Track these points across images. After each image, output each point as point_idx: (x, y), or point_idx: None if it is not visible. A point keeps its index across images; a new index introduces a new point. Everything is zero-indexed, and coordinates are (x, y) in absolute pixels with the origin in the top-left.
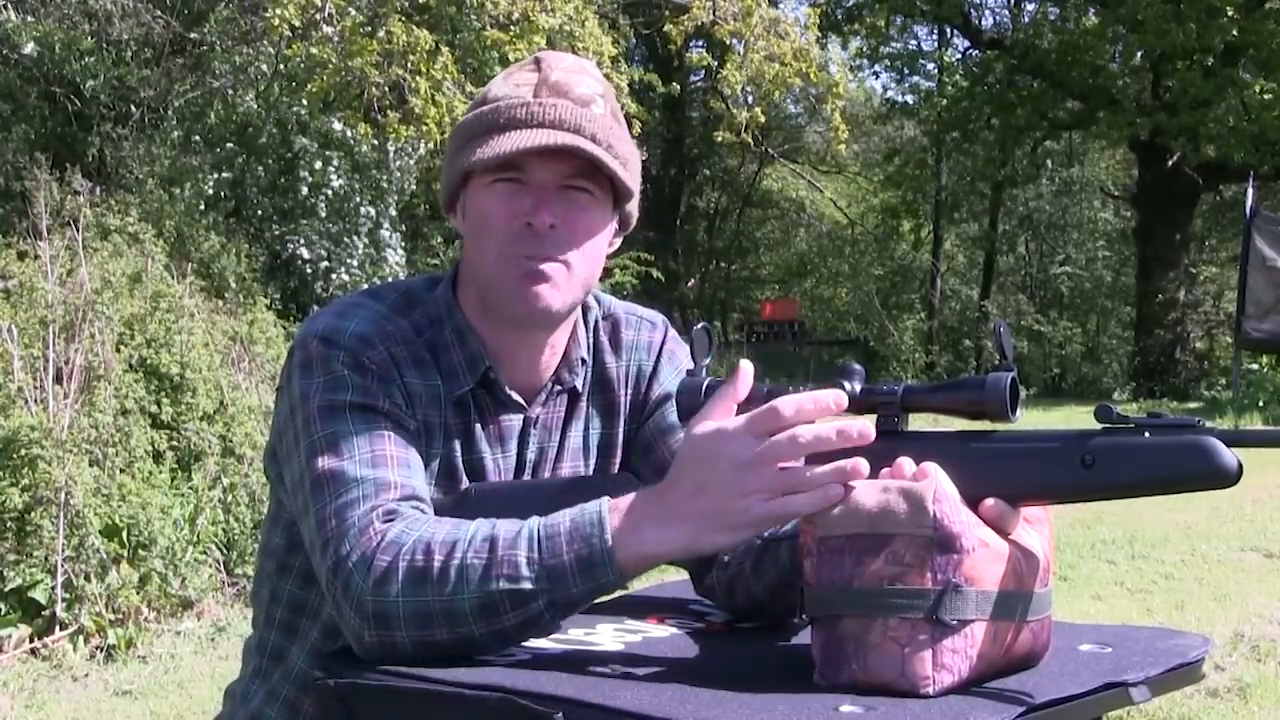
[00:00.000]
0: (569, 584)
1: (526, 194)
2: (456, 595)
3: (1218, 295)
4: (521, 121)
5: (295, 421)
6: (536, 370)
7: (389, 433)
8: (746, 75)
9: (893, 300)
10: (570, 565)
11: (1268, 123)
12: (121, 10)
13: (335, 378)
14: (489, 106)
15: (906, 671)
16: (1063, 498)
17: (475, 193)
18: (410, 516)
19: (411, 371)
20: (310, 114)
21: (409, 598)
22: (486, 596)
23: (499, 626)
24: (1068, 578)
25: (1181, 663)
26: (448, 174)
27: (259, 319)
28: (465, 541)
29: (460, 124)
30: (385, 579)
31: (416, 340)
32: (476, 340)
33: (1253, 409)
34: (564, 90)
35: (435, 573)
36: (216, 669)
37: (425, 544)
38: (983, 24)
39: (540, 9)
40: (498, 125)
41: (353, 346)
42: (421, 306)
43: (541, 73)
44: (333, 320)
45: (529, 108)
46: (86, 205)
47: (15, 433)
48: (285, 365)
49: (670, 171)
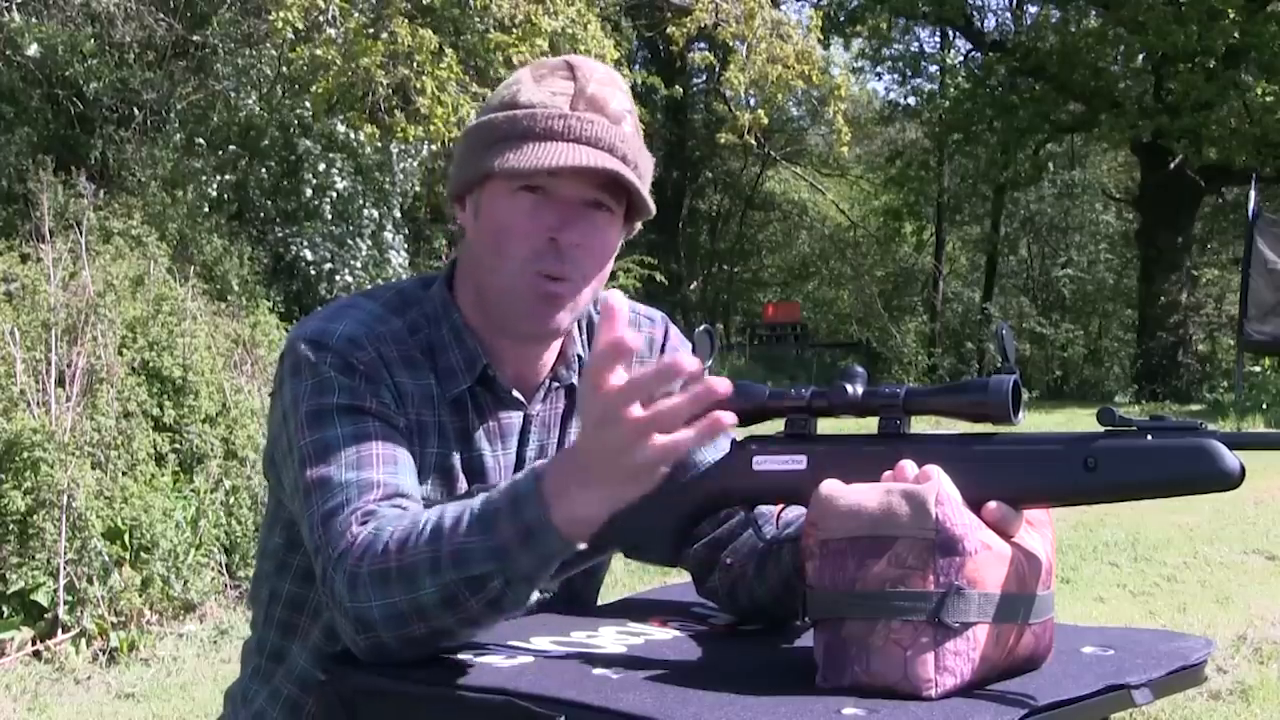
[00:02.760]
0: (516, 558)
1: (551, 208)
2: (419, 591)
3: (1220, 298)
4: (559, 134)
5: (288, 427)
6: (535, 368)
7: (376, 433)
8: (749, 77)
9: (895, 303)
10: (513, 540)
11: (1270, 125)
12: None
13: (323, 381)
14: (522, 111)
15: (909, 674)
16: (1065, 500)
17: (495, 196)
18: (384, 516)
19: (402, 371)
20: (315, 116)
21: (379, 600)
22: (443, 589)
23: (466, 613)
24: (1070, 580)
25: (1184, 665)
26: (465, 168)
27: (262, 322)
28: (415, 536)
29: (486, 122)
30: (356, 583)
31: (410, 340)
32: (474, 339)
33: (1255, 411)
34: (600, 105)
35: (394, 572)
36: (219, 671)
37: (385, 544)
38: (985, 26)
39: (543, 11)
40: (533, 133)
41: (340, 348)
42: (417, 306)
43: (578, 83)
44: (321, 324)
45: (567, 120)
46: (90, 208)
47: (18, 435)
48: (277, 370)
49: (673, 174)
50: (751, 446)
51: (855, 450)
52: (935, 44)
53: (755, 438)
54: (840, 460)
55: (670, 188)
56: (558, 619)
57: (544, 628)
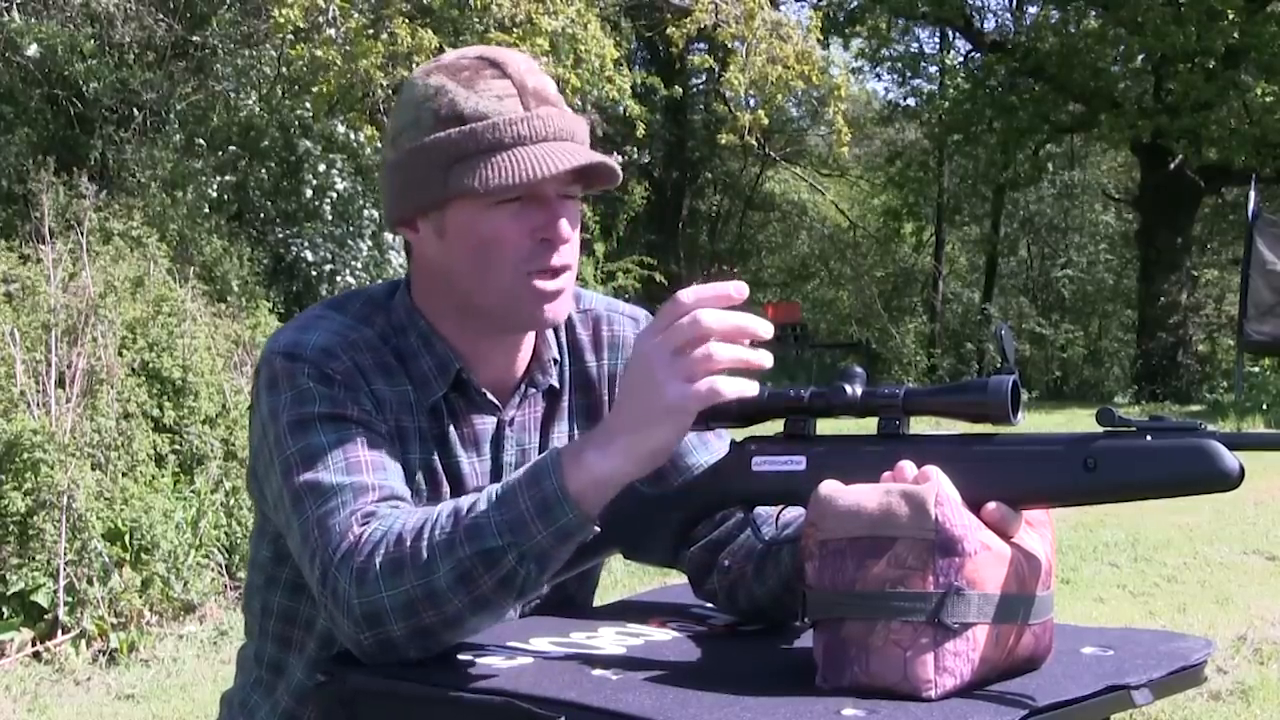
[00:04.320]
0: (531, 531)
1: (535, 211)
2: (433, 574)
3: (1219, 298)
4: (526, 138)
5: (268, 439)
6: (510, 370)
7: (361, 439)
8: (749, 78)
9: (894, 303)
10: (528, 512)
11: (1269, 125)
12: (124, 13)
13: (301, 391)
14: (480, 124)
15: (908, 674)
16: (1065, 501)
17: (468, 213)
18: (386, 515)
19: (379, 379)
20: (315, 117)
21: (391, 590)
22: (458, 565)
23: (479, 592)
24: (1070, 580)
25: (1184, 665)
26: (419, 191)
27: (262, 323)
28: (432, 521)
29: (435, 141)
30: (366, 578)
31: (382, 347)
32: (443, 344)
33: (1255, 412)
34: (545, 96)
35: (409, 558)
36: (219, 673)
37: (397, 534)
38: (984, 26)
39: (543, 11)
40: (501, 144)
41: (316, 359)
42: (385, 314)
43: (514, 79)
44: (294, 335)
45: (530, 123)
46: (90, 208)
47: (18, 436)
48: (253, 385)
49: (672, 174)
50: (750, 447)
51: (854, 451)
52: (935, 44)
53: (754, 438)
54: (839, 461)
55: (670, 188)
56: (557, 620)
57: (543, 629)
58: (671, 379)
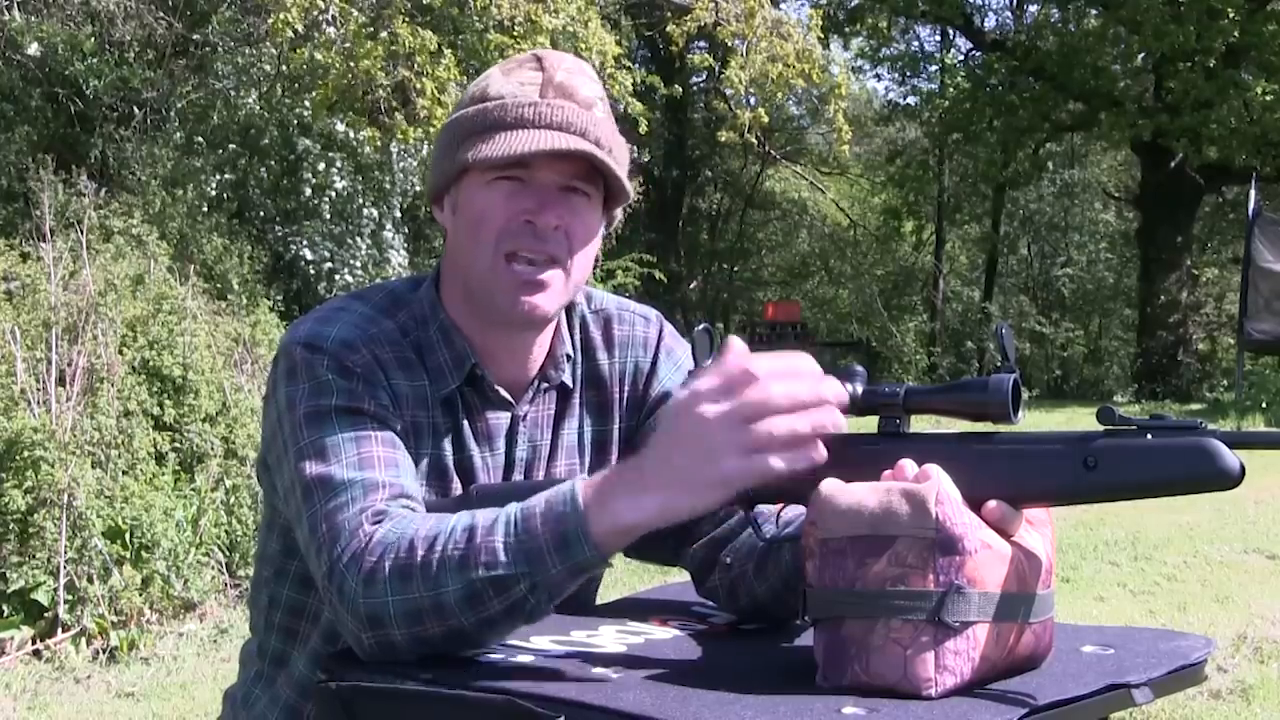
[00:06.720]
0: (547, 564)
1: (529, 193)
2: (441, 588)
3: (1220, 297)
4: (530, 121)
5: (283, 429)
6: (523, 367)
7: (376, 434)
8: (749, 76)
9: (895, 302)
10: (546, 545)
11: (1269, 124)
12: (124, 11)
13: (320, 383)
14: (493, 103)
15: (909, 673)
16: (1065, 499)
17: (472, 189)
18: (398, 515)
19: (398, 373)
20: (314, 117)
21: (398, 596)
22: (469, 586)
23: (486, 615)
24: (1070, 579)
25: (1184, 664)
26: (440, 167)
27: (262, 321)
28: (446, 534)
29: (457, 118)
30: (374, 579)
31: (402, 341)
32: (462, 338)
33: (1255, 410)
34: (569, 92)
35: (419, 568)
36: (219, 671)
37: (409, 541)
38: (984, 25)
39: (543, 10)
40: (504, 123)
41: (336, 351)
42: (407, 307)
43: (545, 73)
44: (316, 326)
45: (537, 108)
46: (90, 207)
47: (18, 434)
48: (270, 374)
49: (672, 173)
50: None
51: (855, 449)
52: (935, 43)
53: None
54: (840, 459)
55: (670, 186)
56: (558, 619)
57: (544, 627)
58: (730, 453)
